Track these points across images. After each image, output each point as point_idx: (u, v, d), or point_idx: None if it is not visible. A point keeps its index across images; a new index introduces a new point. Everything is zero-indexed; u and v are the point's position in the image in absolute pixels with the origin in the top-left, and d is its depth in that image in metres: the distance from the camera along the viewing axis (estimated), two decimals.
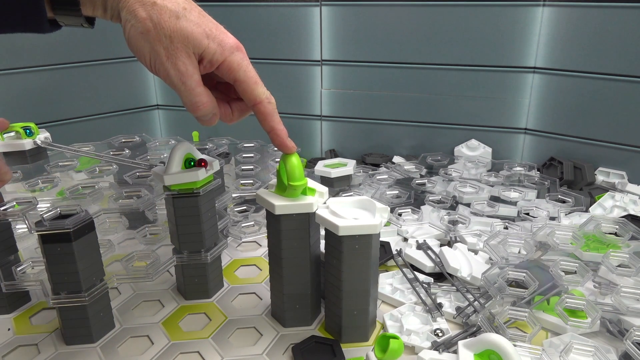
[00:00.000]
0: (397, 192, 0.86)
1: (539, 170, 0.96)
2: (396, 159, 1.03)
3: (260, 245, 0.77)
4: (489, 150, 1.01)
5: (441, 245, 0.72)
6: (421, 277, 0.66)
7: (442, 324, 0.57)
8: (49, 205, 0.69)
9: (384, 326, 0.58)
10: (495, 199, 0.84)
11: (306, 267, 0.55)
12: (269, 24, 1.03)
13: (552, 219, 0.78)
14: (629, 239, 0.67)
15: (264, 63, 1.07)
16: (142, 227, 0.74)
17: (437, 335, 0.55)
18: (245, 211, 0.82)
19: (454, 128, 1.03)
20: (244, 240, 0.78)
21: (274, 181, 0.55)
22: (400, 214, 0.79)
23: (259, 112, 0.48)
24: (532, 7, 0.90)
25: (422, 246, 0.71)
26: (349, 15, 0.99)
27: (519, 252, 0.67)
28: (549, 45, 0.92)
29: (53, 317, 0.61)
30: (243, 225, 0.79)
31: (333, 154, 1.08)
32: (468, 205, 0.83)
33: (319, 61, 1.04)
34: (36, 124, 0.80)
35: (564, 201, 0.82)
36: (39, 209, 0.61)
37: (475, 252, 0.70)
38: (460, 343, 0.46)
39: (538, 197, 0.86)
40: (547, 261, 0.66)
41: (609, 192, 0.83)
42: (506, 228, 0.76)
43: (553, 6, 0.89)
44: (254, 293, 0.65)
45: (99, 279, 0.55)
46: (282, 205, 0.52)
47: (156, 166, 0.59)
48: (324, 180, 0.86)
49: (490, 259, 0.68)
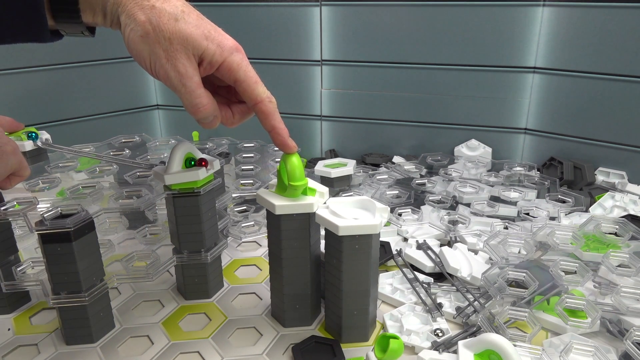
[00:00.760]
0: (397, 192, 0.86)
1: (539, 170, 0.96)
2: (396, 159, 1.03)
3: (260, 245, 0.77)
4: (489, 150, 1.01)
5: (441, 245, 0.72)
6: (421, 277, 0.66)
7: (442, 324, 0.57)
8: (49, 205, 0.69)
9: (384, 326, 0.58)
10: (495, 199, 0.84)
11: (306, 267, 0.55)
12: (269, 24, 1.03)
13: (552, 219, 0.78)
14: (629, 239, 0.67)
15: (264, 63, 1.07)
16: (142, 227, 0.74)
17: (437, 335, 0.55)
18: (245, 211, 0.82)
19: (454, 128, 1.03)
20: (244, 240, 0.78)
21: (274, 181, 0.55)
22: (400, 214, 0.79)
23: (259, 111, 0.48)
24: (532, 7, 0.90)
25: (422, 246, 0.71)
26: (349, 15, 0.99)
27: (519, 252, 0.67)
28: (549, 45, 0.92)
29: (53, 317, 0.61)
30: (243, 225, 0.79)
31: (333, 154, 1.08)
32: (468, 205, 0.83)
33: (319, 61, 1.04)
34: (36, 124, 0.80)
35: (564, 201, 0.82)
36: (39, 209, 0.61)
37: (475, 252, 0.70)
38: (460, 343, 0.46)
39: (538, 197, 0.86)
40: (547, 261, 0.66)
41: (609, 192, 0.83)
42: (506, 228, 0.76)
43: (553, 6, 0.89)
44: (254, 293, 0.65)
45: (99, 279, 0.55)
46: (282, 205, 0.52)
47: (156, 166, 0.59)
48: (324, 180, 0.85)
49: (490, 259, 0.68)
